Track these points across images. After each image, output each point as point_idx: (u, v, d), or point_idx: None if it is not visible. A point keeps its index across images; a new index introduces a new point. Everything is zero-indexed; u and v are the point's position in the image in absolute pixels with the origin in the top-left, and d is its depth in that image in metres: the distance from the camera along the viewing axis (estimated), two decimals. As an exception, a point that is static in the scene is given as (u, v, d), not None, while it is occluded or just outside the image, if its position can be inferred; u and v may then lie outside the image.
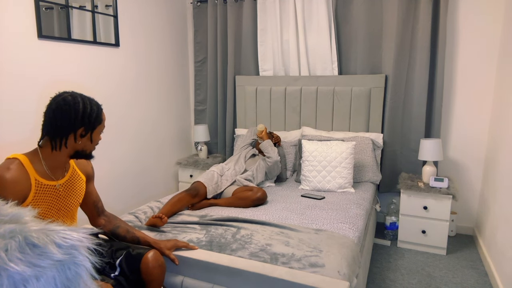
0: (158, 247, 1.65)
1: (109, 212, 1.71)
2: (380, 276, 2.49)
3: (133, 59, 3.15)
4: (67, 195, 1.48)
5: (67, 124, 1.35)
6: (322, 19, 3.21)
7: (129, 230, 1.66)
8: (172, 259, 1.66)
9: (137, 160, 3.28)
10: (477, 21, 2.87)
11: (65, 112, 1.34)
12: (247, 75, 3.63)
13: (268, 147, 2.90)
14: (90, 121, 1.39)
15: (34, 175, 1.34)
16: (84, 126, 1.38)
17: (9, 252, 0.74)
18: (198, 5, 3.72)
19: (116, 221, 1.68)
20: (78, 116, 1.36)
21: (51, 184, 1.40)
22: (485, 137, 2.99)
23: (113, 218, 1.69)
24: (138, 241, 1.65)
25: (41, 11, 2.33)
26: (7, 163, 1.31)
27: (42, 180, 1.37)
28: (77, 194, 1.53)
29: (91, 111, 1.39)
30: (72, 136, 1.38)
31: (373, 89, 3.12)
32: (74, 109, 1.35)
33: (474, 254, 2.80)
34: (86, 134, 1.40)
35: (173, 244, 1.71)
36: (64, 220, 1.50)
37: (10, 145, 2.24)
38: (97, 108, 1.42)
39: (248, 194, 2.42)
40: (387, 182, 3.23)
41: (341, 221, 2.10)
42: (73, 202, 1.52)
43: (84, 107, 1.37)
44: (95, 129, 1.43)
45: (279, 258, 1.66)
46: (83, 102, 1.37)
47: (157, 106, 3.48)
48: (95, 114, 1.40)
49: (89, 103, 1.39)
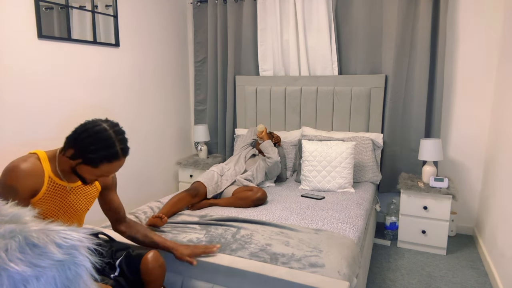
0: (177, 252, 1.64)
1: (131, 220, 1.69)
2: (380, 276, 2.49)
3: (133, 59, 3.15)
4: (76, 199, 1.49)
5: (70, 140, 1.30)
6: (322, 19, 3.21)
7: (147, 235, 1.65)
8: (190, 262, 1.64)
9: (137, 160, 3.28)
10: (477, 21, 2.87)
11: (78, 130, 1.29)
12: (247, 75, 3.63)
13: (268, 147, 2.90)
14: (82, 153, 1.26)
15: (49, 172, 1.36)
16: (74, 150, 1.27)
17: (9, 252, 0.74)
18: (198, 5, 3.72)
19: (136, 227, 1.67)
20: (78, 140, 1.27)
21: (62, 184, 1.41)
22: (485, 137, 2.99)
23: (133, 225, 1.67)
24: (157, 246, 1.63)
25: (41, 11, 2.33)
26: (26, 156, 1.34)
27: (55, 179, 1.38)
28: (87, 200, 1.54)
29: (93, 149, 1.25)
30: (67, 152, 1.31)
31: (373, 89, 3.12)
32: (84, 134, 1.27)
33: (474, 254, 2.80)
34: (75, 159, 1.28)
35: (191, 251, 1.66)
36: (71, 222, 1.50)
37: (10, 145, 2.24)
38: (104, 154, 1.26)
39: (248, 194, 2.42)
40: (387, 182, 3.23)
41: (341, 221, 2.10)
42: (82, 207, 1.53)
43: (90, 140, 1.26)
44: (86, 164, 1.28)
45: (279, 258, 1.66)
46: (97, 138, 1.26)
47: (157, 106, 3.48)
48: (94, 155, 1.25)
49: (102, 145, 1.26)
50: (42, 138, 2.43)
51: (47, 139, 2.46)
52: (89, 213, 2.07)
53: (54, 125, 2.51)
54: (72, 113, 2.63)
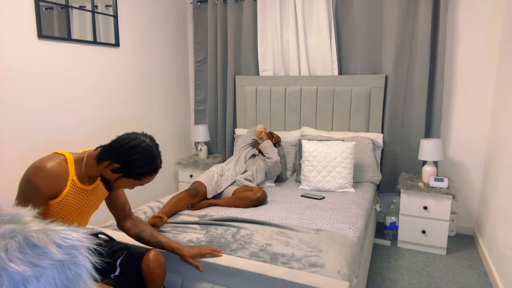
0: (182, 254, 1.62)
1: (136, 217, 1.69)
2: (380, 276, 2.49)
3: (133, 59, 3.15)
4: (91, 202, 1.51)
5: (114, 153, 1.34)
6: (322, 19, 3.21)
7: (153, 235, 1.64)
8: (196, 266, 1.62)
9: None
10: (477, 21, 2.87)
11: (125, 146, 1.33)
12: (247, 75, 3.63)
13: (268, 148, 2.90)
14: (128, 168, 1.34)
15: (72, 175, 1.37)
16: (121, 165, 1.34)
17: (9, 252, 0.74)
18: (198, 5, 3.72)
19: (142, 226, 1.65)
20: (126, 158, 1.33)
21: (83, 188, 1.43)
22: (485, 137, 2.99)
23: (139, 222, 1.66)
24: (162, 246, 1.62)
25: (41, 11, 2.33)
26: (53, 156, 1.35)
27: (77, 182, 1.40)
28: (99, 200, 1.55)
29: (140, 165, 1.34)
30: (108, 163, 1.36)
31: (373, 89, 3.12)
32: (131, 151, 1.33)
33: (474, 254, 2.80)
34: (118, 173, 1.36)
35: (196, 252, 1.65)
36: (81, 222, 1.52)
37: (9, 145, 2.24)
38: (147, 169, 1.36)
39: (248, 194, 2.42)
40: (387, 182, 3.23)
41: (341, 221, 2.10)
42: (92, 208, 1.54)
43: (137, 158, 1.33)
44: (127, 177, 1.37)
45: (279, 258, 1.66)
46: (143, 154, 1.34)
47: (157, 106, 3.48)
48: (140, 170, 1.35)
49: (147, 160, 1.35)
50: (42, 138, 2.43)
51: (47, 139, 2.46)
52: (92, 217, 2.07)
53: (54, 125, 2.51)
54: (72, 113, 2.63)
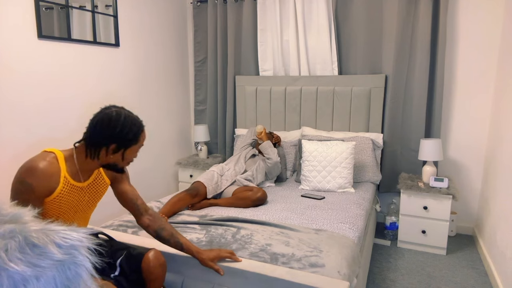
0: (201, 257, 1.60)
1: (154, 212, 1.64)
2: (380, 276, 2.49)
3: (133, 59, 3.15)
4: (87, 198, 1.50)
5: (102, 138, 1.37)
6: (322, 19, 3.21)
7: (173, 235, 1.60)
8: (216, 270, 1.60)
9: (137, 160, 3.28)
10: (477, 21, 2.87)
11: (103, 127, 1.36)
12: (247, 75, 3.63)
13: (267, 148, 2.89)
14: (123, 140, 1.39)
15: (64, 173, 1.37)
16: (116, 143, 1.39)
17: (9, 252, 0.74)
18: (198, 5, 3.72)
19: (161, 223, 1.61)
20: (114, 133, 1.36)
21: (77, 185, 1.43)
22: (485, 137, 2.99)
23: (158, 220, 1.62)
24: (181, 247, 1.59)
25: (41, 11, 2.33)
26: (43, 154, 1.35)
27: (70, 179, 1.39)
28: (96, 197, 1.54)
29: (128, 131, 1.39)
30: (105, 150, 1.39)
31: (373, 89, 3.12)
32: (112, 125, 1.36)
33: (474, 254, 2.80)
34: (118, 151, 1.41)
35: (216, 255, 1.62)
36: (79, 221, 1.51)
37: (10, 145, 2.24)
38: (136, 129, 1.41)
39: (248, 194, 2.42)
40: (387, 182, 3.23)
41: (341, 221, 2.10)
42: (90, 205, 1.53)
43: (122, 126, 1.37)
44: (128, 148, 1.42)
45: (279, 258, 1.66)
46: (123, 121, 1.38)
47: (157, 106, 3.48)
48: (132, 134, 1.40)
49: (130, 123, 1.39)
50: (41, 137, 2.43)
51: (47, 138, 2.46)
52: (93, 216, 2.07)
53: (54, 124, 2.51)
54: (72, 112, 2.63)
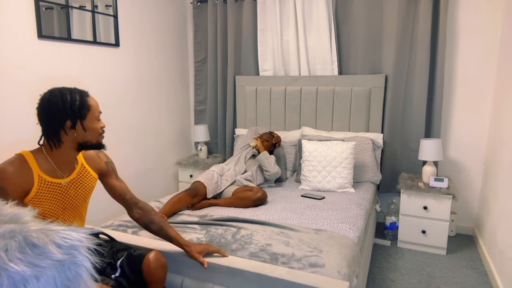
0: (189, 249, 1.63)
1: (145, 204, 1.66)
2: (380, 276, 2.49)
3: (133, 59, 3.15)
4: (74, 194, 1.47)
5: (53, 121, 1.33)
6: (322, 19, 3.21)
7: (162, 227, 1.62)
8: (201, 262, 1.63)
9: (137, 160, 3.28)
10: (477, 21, 2.87)
11: (47, 110, 1.32)
12: (247, 75, 3.63)
13: (263, 161, 2.83)
14: (73, 111, 1.34)
15: (37, 171, 1.35)
16: (69, 118, 1.33)
17: (9, 252, 0.74)
18: (198, 5, 3.72)
19: (151, 216, 1.63)
20: (60, 110, 1.32)
21: (55, 181, 1.40)
22: (485, 137, 2.99)
23: (148, 213, 1.64)
24: (170, 240, 1.63)
25: (41, 11, 2.33)
26: (12, 158, 1.34)
27: (46, 177, 1.37)
28: (84, 192, 1.51)
29: (72, 101, 1.33)
30: (63, 131, 1.35)
31: (373, 89, 3.12)
32: (54, 104, 1.31)
33: (474, 254, 2.80)
34: (75, 125, 1.35)
35: (203, 248, 1.66)
36: (71, 219, 1.48)
37: (10, 145, 2.24)
38: (80, 96, 1.36)
39: (248, 194, 2.42)
40: (387, 182, 3.23)
41: (341, 221, 2.10)
42: (79, 201, 1.50)
43: (63, 100, 1.32)
44: (84, 118, 1.36)
45: (279, 258, 1.66)
46: (61, 94, 1.33)
47: (157, 106, 3.48)
48: (79, 103, 1.34)
49: (69, 94, 1.34)
50: (42, 138, 2.43)
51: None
52: (89, 213, 2.07)
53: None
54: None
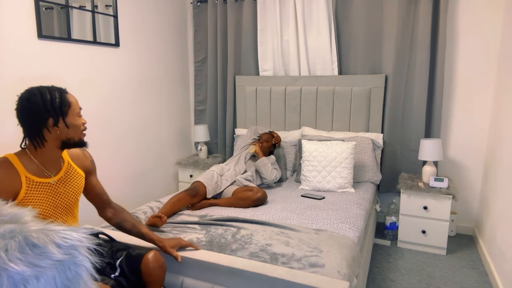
0: (162, 244, 1.65)
1: (116, 204, 1.69)
2: (380, 276, 2.49)
3: (133, 59, 3.15)
4: (64, 192, 1.47)
5: (34, 120, 1.32)
6: (322, 19, 3.21)
7: (135, 225, 1.65)
8: (175, 256, 1.65)
9: (136, 160, 3.28)
10: (477, 21, 2.87)
11: (27, 109, 1.31)
12: (247, 75, 3.63)
13: (261, 168, 2.80)
14: (54, 109, 1.33)
15: (24, 173, 1.34)
16: (51, 116, 1.33)
17: (9, 252, 0.74)
18: (198, 5, 3.72)
19: (123, 214, 1.67)
20: (40, 108, 1.31)
21: (44, 181, 1.39)
22: (485, 137, 2.99)
23: (121, 212, 1.67)
24: (143, 237, 1.65)
25: (41, 11, 2.33)
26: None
27: (34, 177, 1.36)
28: (75, 190, 1.51)
29: (52, 99, 1.33)
30: (46, 130, 1.34)
31: (373, 89, 3.12)
32: (34, 103, 1.31)
33: (474, 254, 2.80)
34: (57, 122, 1.35)
35: (176, 243, 1.71)
36: (64, 218, 1.48)
37: (10, 145, 2.24)
38: (59, 93, 1.36)
39: (248, 194, 2.42)
40: (387, 182, 3.23)
41: (341, 221, 2.10)
42: (71, 199, 1.50)
43: (42, 98, 1.32)
44: (66, 115, 1.36)
45: (279, 258, 1.66)
46: (40, 93, 1.32)
47: (157, 106, 3.48)
48: (59, 100, 1.34)
49: (48, 92, 1.34)
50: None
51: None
52: (88, 213, 2.07)
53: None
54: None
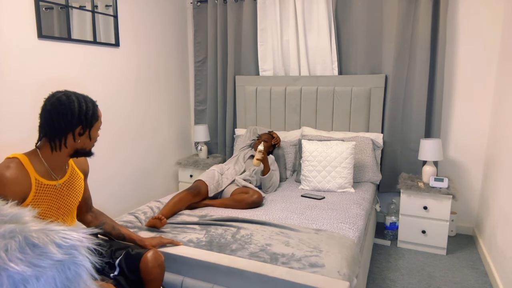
0: (143, 244, 1.68)
1: (96, 209, 1.72)
2: (380, 276, 2.49)
3: (133, 59, 3.15)
4: (67, 194, 1.48)
5: (65, 125, 1.35)
6: (322, 19, 3.21)
7: (114, 227, 1.68)
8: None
9: (137, 160, 3.28)
10: (477, 21, 2.87)
11: (61, 112, 1.33)
12: (247, 75, 3.63)
13: (266, 184, 2.74)
14: (87, 119, 1.39)
15: (34, 175, 1.34)
16: (81, 125, 1.38)
17: (9, 252, 0.75)
18: (198, 5, 3.72)
19: (103, 218, 1.70)
20: (75, 115, 1.35)
21: (51, 184, 1.40)
22: (485, 137, 2.99)
23: (100, 215, 1.71)
24: (124, 238, 1.67)
25: (41, 11, 2.33)
26: (6, 162, 1.31)
27: (42, 180, 1.37)
28: (77, 192, 1.53)
29: (87, 109, 1.38)
30: (71, 136, 1.38)
31: (373, 89, 3.12)
32: (70, 108, 1.34)
33: (474, 254, 2.80)
34: (84, 132, 1.40)
35: (158, 241, 1.75)
36: (65, 219, 1.50)
37: (10, 146, 2.24)
38: (92, 105, 1.41)
39: (243, 196, 2.40)
40: (387, 182, 3.23)
41: (341, 221, 2.10)
42: (73, 201, 1.52)
43: (79, 106, 1.36)
44: (92, 126, 1.42)
45: (279, 258, 1.66)
46: (78, 100, 1.36)
47: (157, 106, 3.48)
48: (91, 112, 1.40)
49: (84, 101, 1.38)
50: (42, 138, 2.43)
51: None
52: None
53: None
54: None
